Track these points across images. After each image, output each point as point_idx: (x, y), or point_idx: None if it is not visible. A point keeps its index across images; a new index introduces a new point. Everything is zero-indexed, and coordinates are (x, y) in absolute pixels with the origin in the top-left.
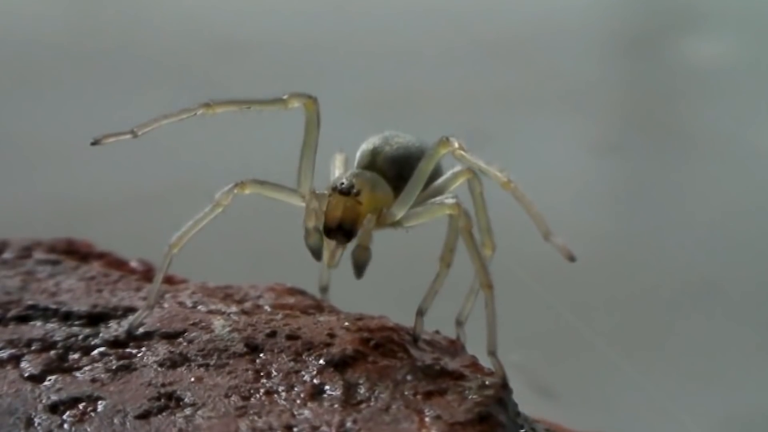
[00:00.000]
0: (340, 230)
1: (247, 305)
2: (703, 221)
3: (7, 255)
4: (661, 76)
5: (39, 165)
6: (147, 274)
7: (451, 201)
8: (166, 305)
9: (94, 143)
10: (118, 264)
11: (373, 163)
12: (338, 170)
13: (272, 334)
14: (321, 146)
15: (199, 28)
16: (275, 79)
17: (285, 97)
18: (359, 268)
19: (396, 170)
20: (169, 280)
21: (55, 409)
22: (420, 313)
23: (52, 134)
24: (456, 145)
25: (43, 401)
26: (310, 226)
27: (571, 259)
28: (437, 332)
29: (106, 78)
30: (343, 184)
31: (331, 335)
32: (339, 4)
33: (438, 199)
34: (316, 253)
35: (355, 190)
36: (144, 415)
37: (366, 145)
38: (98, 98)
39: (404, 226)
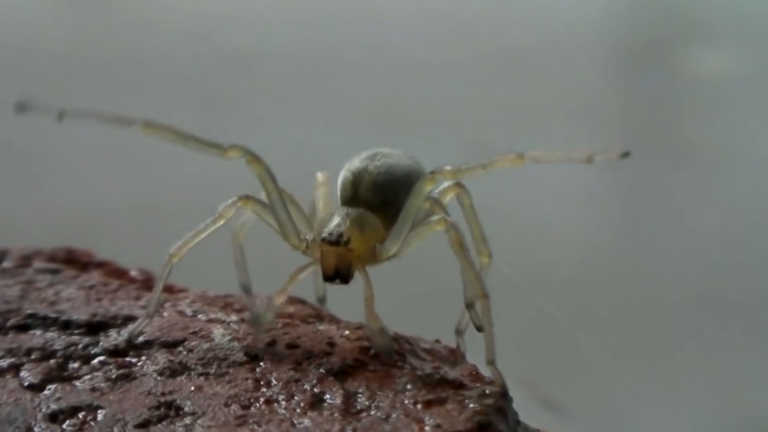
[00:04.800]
0: (338, 276)
1: (247, 314)
2: (707, 232)
3: (6, 264)
4: (665, 88)
5: (39, 174)
6: (147, 283)
7: (436, 218)
8: (165, 314)
9: (19, 109)
10: (117, 273)
11: (355, 195)
12: (321, 199)
13: (272, 343)
14: (327, 154)
15: (205, 39)
16: (280, 89)
17: (225, 145)
18: (387, 353)
19: (380, 198)
20: (168, 289)
21: (54, 418)
22: (469, 306)
23: (53, 144)
24: (449, 168)
25: (43, 410)
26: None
27: (626, 154)
28: (437, 341)
29: (109, 88)
30: (331, 234)
31: (331, 344)
32: (344, 17)
33: (425, 221)
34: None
35: (344, 239)
36: (144, 424)
37: (345, 174)
38: (101, 107)
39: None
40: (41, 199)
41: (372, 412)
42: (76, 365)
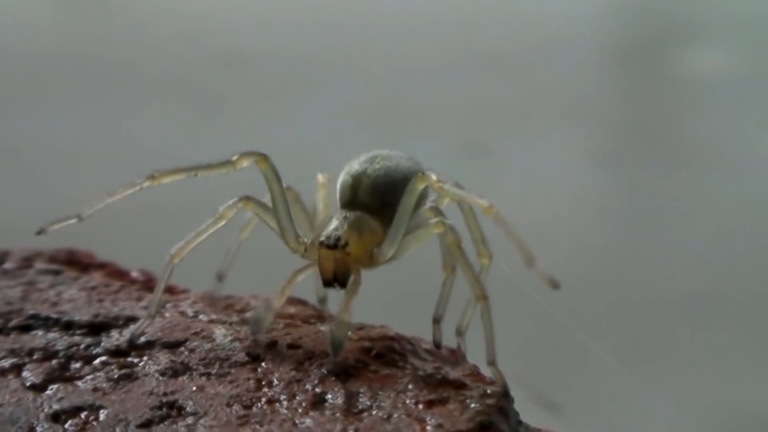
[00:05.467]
0: (335, 280)
1: (248, 315)
2: (702, 231)
3: (8, 265)
4: (659, 87)
5: (40, 174)
6: (148, 284)
7: (434, 221)
8: (167, 315)
9: (40, 233)
10: (119, 274)
11: (354, 198)
12: (321, 201)
13: (273, 344)
14: (326, 155)
15: (199, 39)
16: (274, 90)
17: (234, 158)
18: (336, 346)
19: (379, 200)
20: (170, 290)
21: (57, 418)
22: (436, 321)
23: (54, 143)
24: (434, 178)
25: (45, 410)
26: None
27: (555, 286)
28: None
29: (107, 87)
30: (329, 238)
31: None
32: (339, 17)
33: (423, 224)
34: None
35: (342, 243)
36: (146, 425)
37: (345, 177)
38: (100, 107)
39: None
40: (42, 199)
41: (374, 412)
42: (78, 365)
